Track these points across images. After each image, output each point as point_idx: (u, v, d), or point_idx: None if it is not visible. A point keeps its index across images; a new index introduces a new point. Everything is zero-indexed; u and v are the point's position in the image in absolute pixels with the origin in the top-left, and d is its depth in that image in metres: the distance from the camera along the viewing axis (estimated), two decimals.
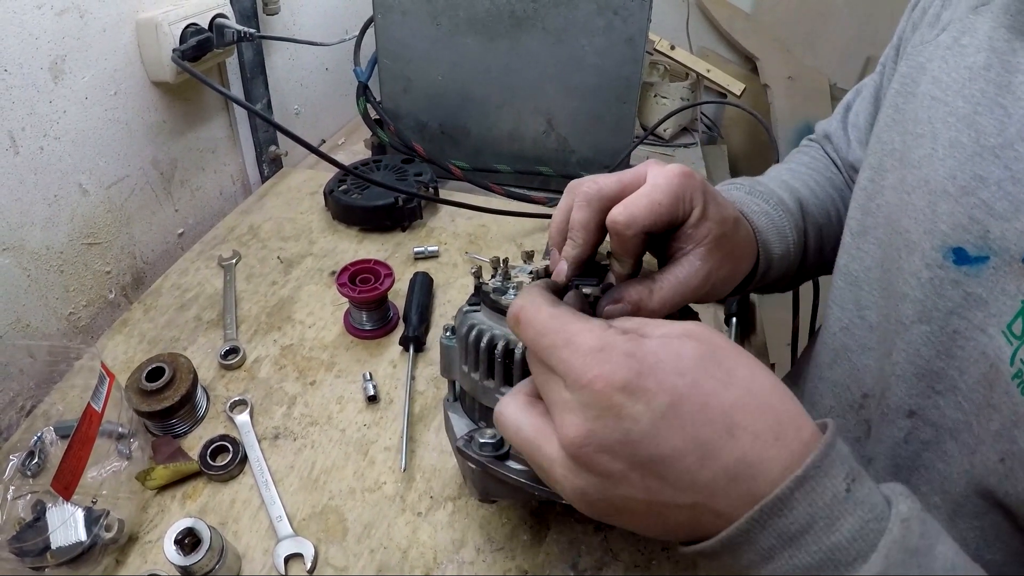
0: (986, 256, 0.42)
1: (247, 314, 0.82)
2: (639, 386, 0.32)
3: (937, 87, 0.48)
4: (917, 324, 0.47)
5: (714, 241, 0.45)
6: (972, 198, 0.43)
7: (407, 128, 1.11)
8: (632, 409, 0.31)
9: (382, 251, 0.94)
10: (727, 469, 0.31)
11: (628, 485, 0.32)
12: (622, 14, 0.95)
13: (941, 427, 0.46)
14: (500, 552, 0.57)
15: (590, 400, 0.32)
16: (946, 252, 0.44)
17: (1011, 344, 0.40)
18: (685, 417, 0.32)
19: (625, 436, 0.32)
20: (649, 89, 1.40)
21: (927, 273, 0.46)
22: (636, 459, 0.32)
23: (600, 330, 0.34)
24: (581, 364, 0.33)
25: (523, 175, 1.11)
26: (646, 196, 0.42)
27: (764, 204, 0.58)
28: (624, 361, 0.32)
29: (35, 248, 0.73)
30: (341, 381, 0.73)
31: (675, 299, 0.44)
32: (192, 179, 0.99)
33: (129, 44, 0.82)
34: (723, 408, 0.32)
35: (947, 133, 0.46)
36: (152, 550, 0.56)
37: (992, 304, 0.42)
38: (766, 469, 0.31)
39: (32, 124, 0.70)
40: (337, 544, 0.57)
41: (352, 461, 0.64)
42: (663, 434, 0.31)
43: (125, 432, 0.61)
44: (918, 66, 0.52)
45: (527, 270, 0.52)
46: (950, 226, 0.44)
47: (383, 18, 1.02)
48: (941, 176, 0.45)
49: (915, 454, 0.48)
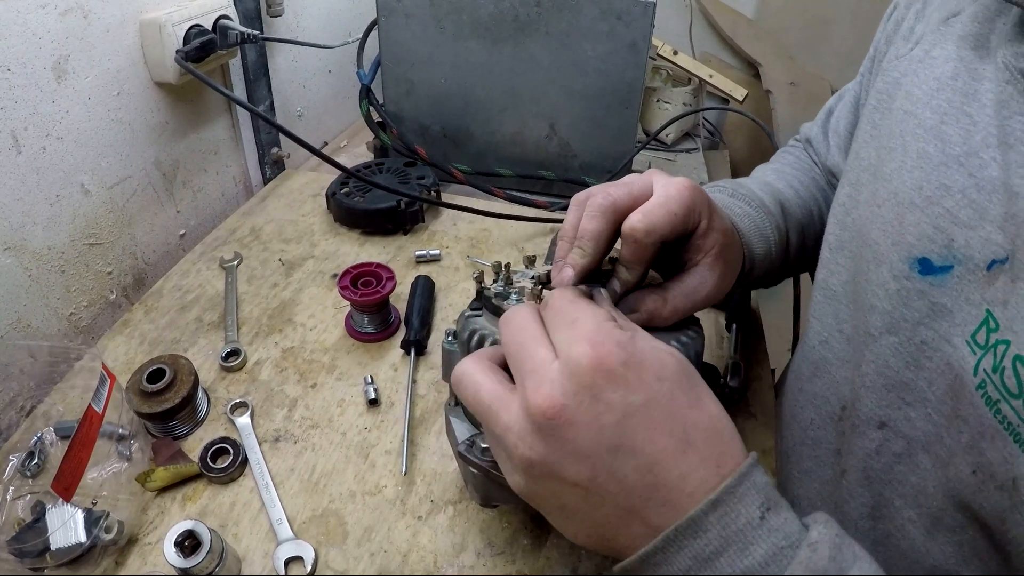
0: (950, 265, 0.42)
1: (248, 316, 0.82)
2: (622, 376, 0.33)
3: (909, 100, 0.48)
4: (885, 335, 0.46)
5: (720, 251, 0.47)
6: (937, 207, 0.43)
7: (409, 131, 1.11)
8: (610, 395, 0.33)
9: (384, 254, 0.94)
10: (669, 482, 0.33)
11: (578, 467, 0.33)
12: (625, 19, 0.95)
13: (913, 439, 0.46)
14: (500, 556, 0.56)
15: (573, 374, 0.33)
16: (912, 263, 0.44)
17: (974, 354, 0.40)
18: (653, 420, 0.33)
19: (595, 418, 0.32)
20: (652, 94, 1.40)
21: (894, 284, 0.46)
22: (596, 443, 0.33)
23: (603, 317, 0.36)
24: (576, 340, 0.34)
25: (525, 179, 1.11)
26: (662, 206, 0.43)
27: (746, 207, 0.59)
28: (615, 349, 0.33)
29: (37, 248, 0.73)
30: (342, 384, 0.73)
31: (686, 308, 0.46)
32: (194, 180, 0.99)
33: (132, 45, 0.82)
34: (685, 424, 0.33)
35: (916, 145, 0.46)
36: (152, 552, 0.56)
37: (956, 314, 0.42)
38: (701, 492, 0.32)
39: (35, 124, 0.70)
40: (337, 547, 0.57)
41: (353, 464, 0.64)
42: (628, 428, 0.33)
43: (125, 433, 0.61)
44: (893, 81, 0.52)
45: (529, 275, 0.52)
46: (916, 236, 0.44)
47: (387, 21, 1.02)
48: (909, 187, 0.45)
49: (887, 466, 0.48)
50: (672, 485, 0.32)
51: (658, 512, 0.32)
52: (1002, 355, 0.38)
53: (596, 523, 0.34)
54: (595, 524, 0.34)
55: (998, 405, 0.38)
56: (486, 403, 0.36)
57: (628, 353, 0.33)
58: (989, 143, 0.41)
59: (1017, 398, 0.37)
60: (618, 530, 0.34)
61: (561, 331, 0.35)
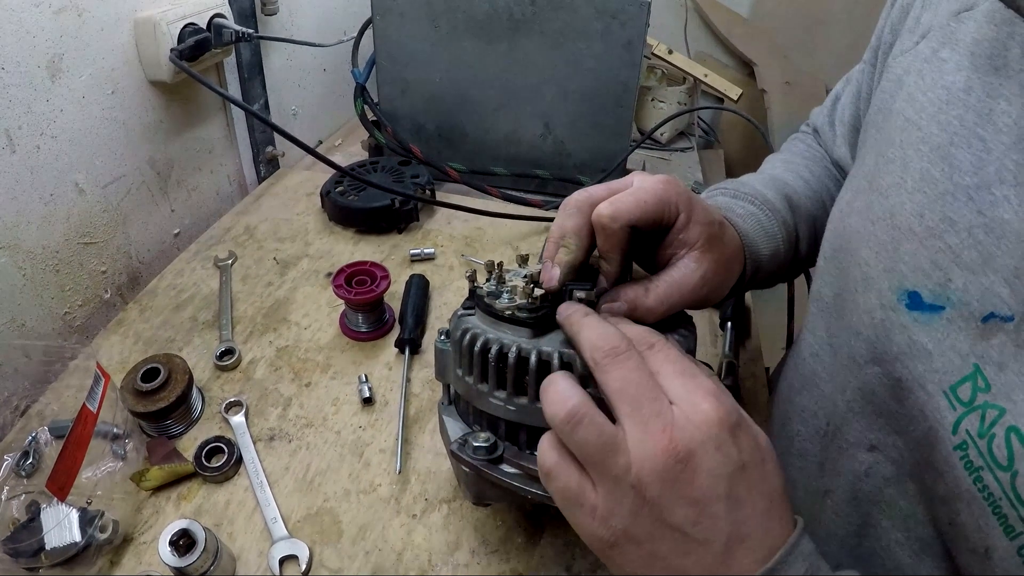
0: (941, 306, 0.39)
1: (243, 315, 0.82)
2: (736, 435, 0.35)
3: (911, 107, 0.44)
4: (870, 364, 0.45)
5: (706, 243, 0.46)
6: (938, 241, 0.40)
7: (404, 130, 1.11)
8: (728, 449, 0.35)
9: (378, 253, 0.94)
10: (754, 537, 0.34)
11: (686, 511, 0.34)
12: (620, 18, 0.95)
13: (902, 466, 0.44)
14: (495, 555, 0.57)
15: (700, 424, 0.34)
16: (901, 294, 0.42)
17: (954, 409, 0.37)
18: (753, 479, 0.35)
19: (713, 468, 0.34)
20: (646, 93, 1.40)
21: (880, 314, 0.43)
22: (710, 491, 0.34)
23: (708, 372, 0.38)
24: (698, 392, 0.36)
25: (520, 178, 1.11)
26: (631, 194, 0.44)
27: (749, 206, 0.57)
28: (733, 409, 0.36)
29: (31, 247, 0.73)
30: (336, 383, 0.73)
31: (671, 297, 0.45)
32: (189, 179, 0.99)
33: (127, 43, 0.82)
34: (772, 488, 0.36)
35: (919, 163, 0.42)
36: (147, 551, 0.56)
37: (936, 358, 0.39)
38: (760, 544, 0.34)
39: (29, 122, 0.70)
40: (332, 546, 0.57)
41: (347, 463, 0.64)
42: (736, 482, 0.34)
43: (120, 433, 0.61)
44: (896, 79, 0.48)
45: (522, 274, 0.52)
46: (910, 268, 0.41)
47: (382, 20, 1.02)
48: (908, 211, 0.42)
49: (877, 489, 0.46)
50: (755, 543, 0.34)
51: (737, 565, 0.34)
52: (992, 421, 0.36)
53: (675, 569, 0.35)
54: (670, 571, 0.35)
55: (980, 472, 0.36)
56: (605, 444, 0.35)
57: (740, 416, 0.36)
58: (1004, 178, 0.37)
59: (1005, 470, 0.35)
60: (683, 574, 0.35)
61: (676, 379, 0.37)
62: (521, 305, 0.46)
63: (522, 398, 0.44)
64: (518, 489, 0.44)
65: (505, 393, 0.44)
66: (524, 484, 0.44)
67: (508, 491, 0.45)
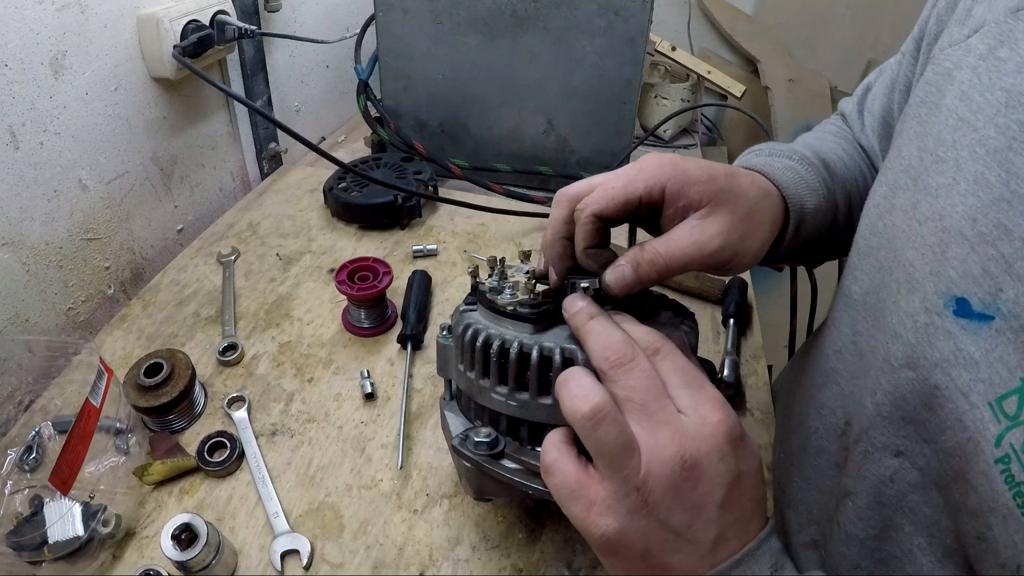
0: (991, 316, 0.38)
1: (245, 311, 0.82)
2: (737, 447, 0.38)
3: (966, 106, 0.42)
4: (905, 369, 0.43)
5: (711, 200, 0.45)
6: (990, 249, 0.38)
7: (407, 126, 1.11)
8: (729, 460, 0.37)
9: (381, 249, 0.95)
10: (732, 537, 0.37)
11: (682, 515, 0.36)
12: (623, 14, 0.95)
13: (927, 474, 0.43)
14: (495, 550, 0.57)
15: (708, 436, 0.37)
16: (949, 300, 0.40)
17: (998, 422, 0.36)
18: (746, 488, 0.38)
19: (714, 477, 0.37)
20: (650, 90, 1.40)
21: (923, 318, 0.41)
22: (707, 498, 0.36)
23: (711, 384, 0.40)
24: (705, 403, 0.38)
25: (522, 174, 1.11)
26: (598, 185, 0.46)
27: (787, 160, 0.55)
28: (736, 423, 0.38)
29: (34, 243, 0.73)
30: (339, 378, 0.73)
31: (670, 253, 0.45)
32: (192, 175, 0.99)
33: (130, 40, 0.82)
34: (758, 495, 0.39)
35: (973, 166, 0.40)
36: (149, 545, 0.56)
37: (983, 369, 0.37)
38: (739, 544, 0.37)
39: (32, 119, 0.71)
40: (333, 541, 0.57)
41: (349, 458, 0.64)
42: (733, 490, 0.37)
43: (123, 427, 0.61)
44: (944, 73, 0.46)
45: (524, 269, 0.52)
46: (959, 273, 0.39)
47: (384, 16, 1.02)
48: (959, 214, 0.40)
49: (901, 494, 0.45)
50: (736, 543, 0.37)
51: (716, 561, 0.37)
52: None
53: (660, 566, 0.37)
54: (658, 567, 0.37)
55: (1020, 488, 0.35)
56: (624, 445, 0.37)
57: (742, 430, 0.38)
58: None
59: None
60: (669, 570, 0.37)
61: (683, 389, 0.39)
62: (523, 301, 0.46)
63: (524, 394, 0.44)
64: (519, 484, 0.44)
65: (507, 389, 0.44)
66: (525, 479, 0.44)
67: (509, 486, 0.45)
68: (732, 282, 0.87)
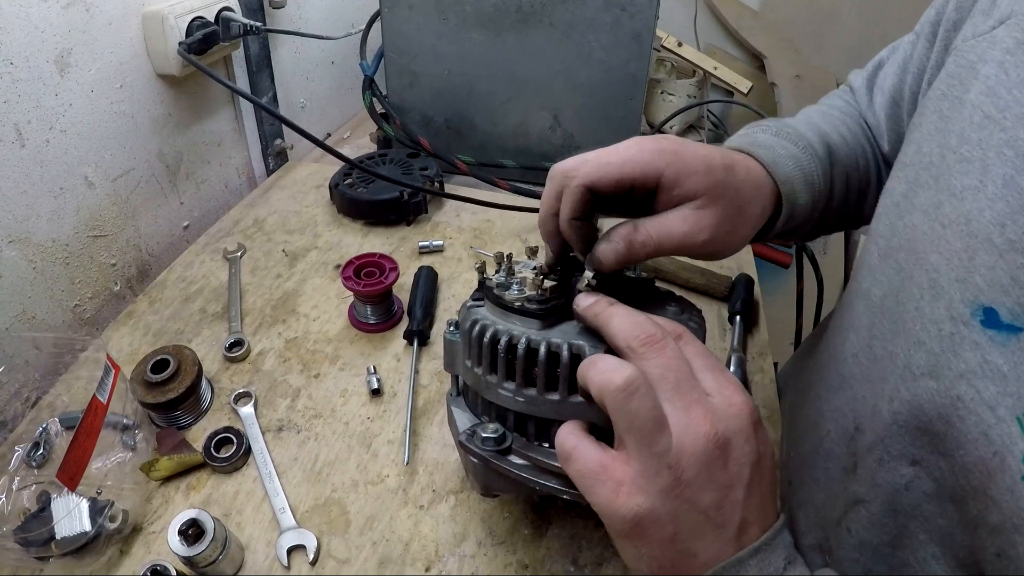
0: (1020, 328, 0.36)
1: (252, 307, 0.82)
2: (757, 430, 0.38)
3: (992, 103, 0.40)
4: (926, 378, 0.42)
5: (708, 192, 0.45)
6: (1020, 257, 0.36)
7: (413, 122, 1.11)
8: (753, 441, 0.38)
9: (387, 245, 0.94)
10: (753, 522, 0.37)
11: (712, 495, 0.36)
12: (629, 10, 0.94)
13: (942, 485, 0.42)
14: (501, 546, 0.57)
15: (735, 416, 0.37)
16: (976, 309, 0.38)
17: None
18: (765, 470, 0.38)
19: (740, 456, 0.37)
20: (656, 86, 1.40)
21: (948, 327, 0.40)
22: (736, 478, 0.37)
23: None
24: (728, 387, 0.39)
25: (528, 170, 1.11)
26: (594, 156, 0.45)
27: (792, 147, 0.54)
28: (755, 405, 0.39)
29: (41, 240, 0.73)
30: (345, 374, 0.73)
31: (661, 238, 0.45)
32: (197, 172, 0.99)
33: (135, 37, 0.82)
34: (773, 479, 0.40)
35: (1002, 168, 0.38)
36: (156, 540, 0.56)
37: (1012, 382, 0.36)
38: (760, 531, 0.38)
39: (38, 117, 0.71)
40: (339, 536, 0.57)
41: (355, 454, 0.64)
42: (756, 471, 0.37)
43: (130, 423, 0.61)
44: (968, 65, 0.44)
45: (531, 265, 0.52)
46: (987, 282, 0.38)
47: (390, 12, 1.02)
48: (987, 220, 0.38)
49: (916, 503, 0.44)
50: (757, 530, 0.37)
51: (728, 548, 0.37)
52: None
53: (685, 553, 0.37)
54: (684, 554, 0.37)
55: None
56: (656, 420, 0.37)
57: (758, 415, 0.39)
58: None
59: None
60: (695, 556, 0.37)
61: (707, 372, 0.39)
62: (531, 296, 0.46)
63: (531, 389, 0.44)
64: (526, 480, 0.44)
65: (514, 384, 0.44)
66: (532, 475, 0.44)
67: (516, 482, 0.45)
68: (739, 279, 0.87)
